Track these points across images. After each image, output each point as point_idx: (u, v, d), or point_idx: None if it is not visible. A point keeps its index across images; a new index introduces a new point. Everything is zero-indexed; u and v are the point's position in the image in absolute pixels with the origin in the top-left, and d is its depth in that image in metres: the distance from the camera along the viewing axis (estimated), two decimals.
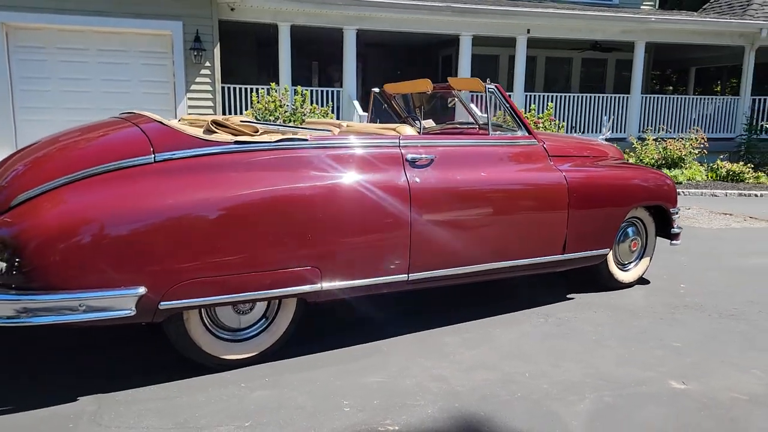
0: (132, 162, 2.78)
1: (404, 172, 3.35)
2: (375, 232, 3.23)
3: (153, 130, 2.92)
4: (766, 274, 5.25)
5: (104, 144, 2.94)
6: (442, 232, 3.45)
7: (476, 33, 12.56)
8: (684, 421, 2.63)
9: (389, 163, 3.34)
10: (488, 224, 3.65)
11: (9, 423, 2.50)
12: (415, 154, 3.44)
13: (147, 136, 2.87)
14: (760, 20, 13.94)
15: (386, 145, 3.38)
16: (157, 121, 3.01)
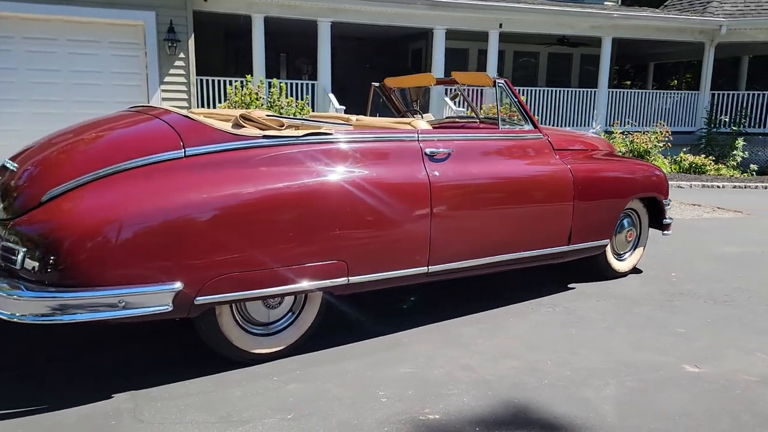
0: (163, 157, 2.75)
1: (424, 166, 3.40)
2: (398, 226, 3.27)
3: (181, 125, 2.89)
4: (746, 262, 5.49)
5: (134, 139, 2.89)
6: (459, 224, 3.52)
7: (450, 27, 12.65)
8: (706, 403, 2.76)
9: (409, 157, 3.38)
10: (501, 217, 3.73)
11: (52, 421, 2.45)
12: (434, 148, 3.48)
13: (176, 131, 2.84)
14: (719, 17, 14.44)
15: (406, 140, 3.42)
16: (184, 115, 2.98)
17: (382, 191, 3.20)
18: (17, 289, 2.47)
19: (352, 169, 3.14)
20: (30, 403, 2.58)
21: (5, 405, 2.57)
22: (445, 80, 4.60)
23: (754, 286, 4.65)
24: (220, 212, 2.72)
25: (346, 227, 3.06)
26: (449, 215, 3.44)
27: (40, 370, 2.95)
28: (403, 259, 3.32)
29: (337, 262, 3.06)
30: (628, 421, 2.58)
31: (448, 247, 3.47)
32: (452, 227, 3.47)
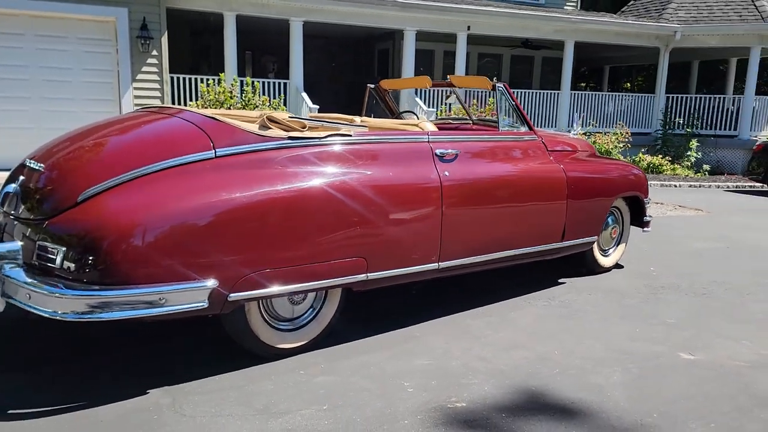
0: (194, 157, 2.82)
1: (435, 167, 3.54)
2: (412, 223, 3.40)
3: (209, 126, 2.95)
4: (716, 256, 5.84)
5: (165, 140, 2.94)
6: (466, 222, 3.67)
7: (420, 28, 12.84)
8: (705, 388, 2.99)
9: (422, 158, 3.52)
10: (503, 215, 3.91)
11: (94, 418, 2.50)
12: (443, 149, 3.63)
13: (205, 132, 2.91)
14: (674, 23, 15.06)
15: (417, 141, 3.56)
16: (209, 116, 3.04)
17: (398, 190, 3.33)
18: (57, 287, 2.51)
19: (370, 169, 3.26)
20: (67, 401, 2.61)
21: (44, 403, 2.59)
22: (441, 83, 4.76)
23: (729, 279, 4.97)
24: (252, 211, 2.80)
25: (365, 225, 3.18)
26: (458, 213, 3.60)
27: (66, 368, 2.96)
28: (417, 255, 3.46)
29: (357, 259, 3.17)
30: (639, 405, 2.78)
31: (457, 244, 3.63)
32: (460, 225, 3.62)
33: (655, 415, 2.67)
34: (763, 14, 14.59)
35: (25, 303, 2.53)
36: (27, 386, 2.75)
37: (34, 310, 2.52)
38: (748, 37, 14.76)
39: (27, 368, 2.94)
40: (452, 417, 2.62)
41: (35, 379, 2.82)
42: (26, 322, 3.40)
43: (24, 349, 3.20)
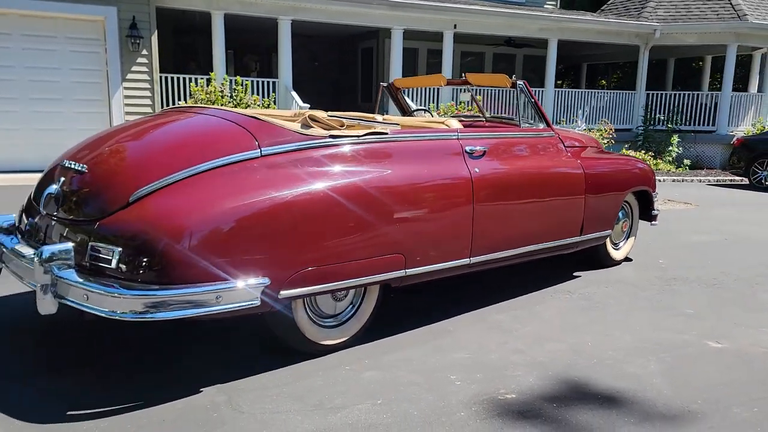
0: (241, 156, 2.83)
1: (465, 164, 3.60)
2: (446, 219, 3.45)
3: (252, 125, 2.96)
4: (716, 248, 6.01)
5: (211, 140, 2.94)
6: (495, 218, 3.74)
7: (408, 27, 12.90)
8: (737, 374, 3.10)
9: (453, 155, 3.58)
10: (528, 210, 3.98)
11: (156, 417, 2.49)
12: (472, 146, 3.69)
13: (249, 131, 2.92)
14: (653, 22, 15.36)
15: (448, 138, 3.61)
16: (251, 115, 3.05)
17: (433, 187, 3.38)
18: (113, 287, 2.50)
19: (406, 166, 3.30)
20: (121, 402, 2.60)
21: (99, 404, 2.58)
22: (456, 81, 4.81)
23: (734, 271, 5.12)
24: (300, 209, 2.82)
25: (403, 221, 3.22)
26: (487, 209, 3.65)
27: (110, 369, 2.95)
28: (450, 251, 3.51)
29: (396, 255, 3.21)
30: (681, 392, 2.87)
31: (486, 240, 3.69)
32: (489, 220, 3.68)
33: (699, 402, 2.76)
34: (739, 13, 14.97)
35: (83, 303, 2.51)
36: (75, 388, 2.73)
37: (91, 311, 2.51)
38: (725, 35, 15.12)
39: (71, 370, 2.92)
40: (505, 408, 2.67)
41: (82, 381, 2.80)
42: (58, 324, 3.38)
43: (63, 351, 3.17)
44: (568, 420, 2.59)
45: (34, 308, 3.42)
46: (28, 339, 3.30)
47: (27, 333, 3.37)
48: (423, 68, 16.89)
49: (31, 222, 3.04)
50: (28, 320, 3.53)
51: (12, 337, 3.33)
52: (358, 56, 18.01)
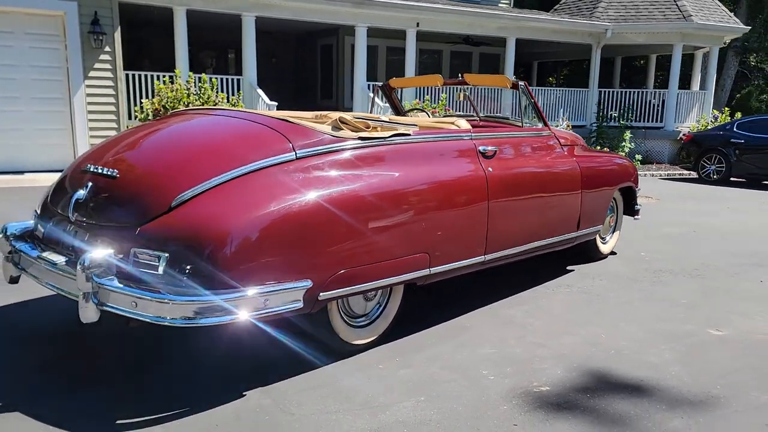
0: (277, 160, 2.84)
1: (480, 163, 3.69)
2: (465, 218, 3.54)
3: (287, 128, 2.97)
4: (690, 240, 6.32)
5: (247, 143, 2.92)
6: (506, 215, 3.84)
7: (372, 24, 12.93)
8: (746, 360, 3.30)
9: (469, 155, 3.66)
10: (535, 207, 4.11)
11: (207, 421, 2.48)
12: (484, 146, 3.78)
13: (283, 134, 2.92)
14: (605, 22, 15.89)
15: (463, 139, 3.69)
16: (281, 118, 3.05)
17: (453, 186, 3.46)
18: (160, 293, 2.47)
19: (429, 166, 3.36)
20: (171, 408, 2.57)
21: (145, 412, 2.54)
22: (453, 81, 4.89)
23: (712, 261, 5.41)
24: (337, 211, 2.84)
25: (428, 221, 3.29)
26: (500, 207, 3.75)
27: (146, 378, 2.90)
28: (468, 249, 3.59)
29: (422, 255, 3.27)
30: (699, 379, 3.04)
31: (499, 237, 3.79)
32: (502, 218, 3.78)
33: (718, 387, 2.94)
34: (685, 14, 15.64)
35: (131, 311, 2.47)
36: (118, 398, 2.68)
37: (141, 318, 2.47)
38: (672, 35, 15.79)
39: (109, 380, 2.86)
40: (543, 400, 2.78)
41: (123, 390, 2.75)
42: (81, 335, 3.31)
43: (92, 361, 3.09)
44: (605, 409, 2.71)
45: (54, 316, 3.35)
46: (55, 349, 3.21)
47: (52, 342, 3.28)
48: (383, 66, 16.96)
49: (54, 228, 2.95)
50: (48, 328, 3.44)
51: (35, 347, 3.22)
52: (317, 53, 17.93)
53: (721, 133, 12.85)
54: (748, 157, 12.13)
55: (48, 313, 3.69)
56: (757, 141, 12.02)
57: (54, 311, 3.69)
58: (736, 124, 12.76)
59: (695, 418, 2.64)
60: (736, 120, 13.15)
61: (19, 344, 3.24)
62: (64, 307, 3.62)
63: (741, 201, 9.85)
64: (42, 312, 3.70)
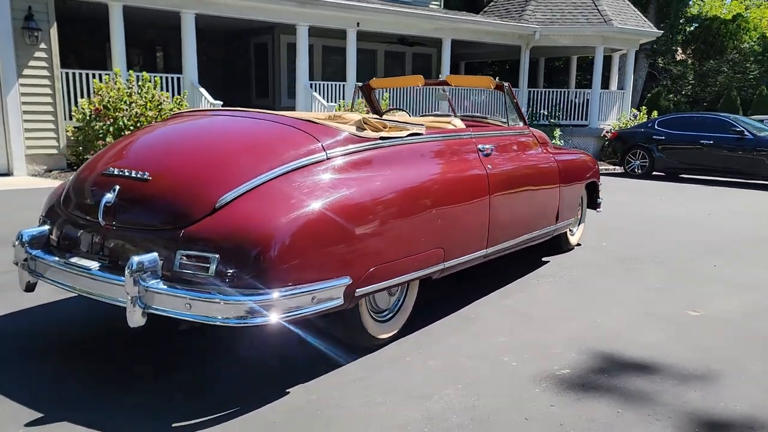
0: (310, 160, 2.89)
1: (481, 161, 3.86)
2: (472, 213, 3.69)
3: (315, 129, 3.02)
4: (639, 230, 6.77)
5: (279, 143, 2.94)
6: (504, 210, 4.03)
7: (313, 24, 12.92)
8: (730, 336, 3.63)
9: (471, 153, 3.82)
10: (524, 201, 4.33)
11: (262, 419, 2.50)
12: (483, 144, 3.96)
13: (312, 135, 2.97)
14: (533, 24, 16.58)
15: (466, 138, 3.85)
16: (307, 119, 3.10)
17: (463, 182, 3.61)
18: (211, 293, 2.47)
19: (441, 164, 3.50)
20: (221, 408, 2.57)
21: (198, 413, 2.53)
22: (434, 82, 5.05)
23: (669, 249, 5.85)
24: (370, 208, 2.93)
25: (444, 216, 3.42)
26: (498, 202, 3.93)
27: (187, 378, 2.87)
28: (474, 243, 3.75)
29: (438, 249, 3.40)
30: (698, 355, 3.32)
31: (498, 231, 3.97)
32: (500, 213, 3.97)
33: (717, 362, 3.23)
34: (606, 18, 16.56)
35: (185, 313, 2.46)
36: (167, 400, 2.65)
37: (195, 319, 2.46)
38: (594, 38, 16.68)
39: (149, 383, 2.81)
40: (568, 382, 2.97)
41: (169, 393, 2.72)
42: (106, 340, 3.24)
43: (128, 366, 3.01)
44: (626, 387, 2.93)
45: (71, 322, 3.27)
46: (86, 356, 3.13)
47: (81, 349, 3.18)
48: (318, 65, 16.93)
49: (78, 234, 2.87)
50: (69, 335, 3.32)
51: (66, 354, 3.10)
52: (250, 51, 17.67)
53: (643, 131, 13.72)
54: (669, 152, 13.02)
55: (64, 319, 3.62)
56: (677, 137, 12.93)
57: (71, 317, 3.64)
58: (657, 121, 13.66)
59: (706, 390, 2.91)
60: (657, 118, 14.09)
61: (47, 353, 3.14)
62: (80, 311, 3.61)
63: (669, 193, 10.59)
64: (59, 319, 3.63)
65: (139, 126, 9.70)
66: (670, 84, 25.03)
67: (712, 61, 25.34)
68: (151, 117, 9.77)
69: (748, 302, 4.29)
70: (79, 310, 3.74)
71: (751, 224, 7.53)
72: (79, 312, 3.72)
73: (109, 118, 9.54)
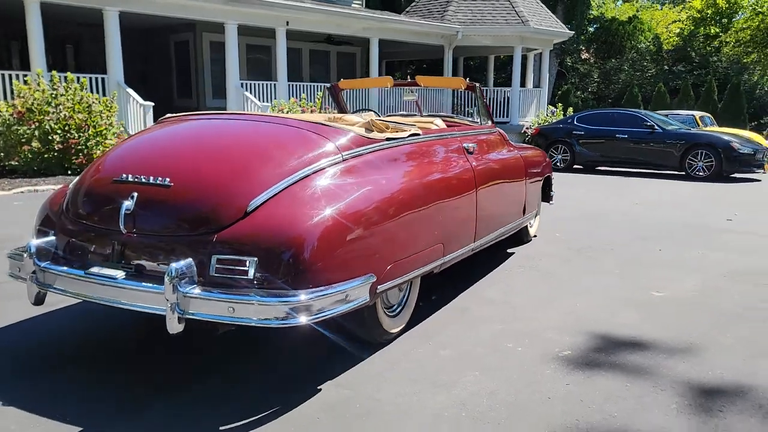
0: (328, 161, 2.96)
1: (467, 159, 4.04)
2: (464, 209, 3.87)
3: (327, 131, 3.08)
4: (583, 221, 7.22)
5: (298, 146, 2.97)
6: (487, 205, 4.23)
7: (242, 22, 12.73)
8: (696, 313, 3.99)
9: (460, 151, 4.00)
10: (502, 196, 4.56)
11: (304, 416, 2.55)
12: (467, 143, 4.14)
13: (325, 137, 3.04)
14: (456, 24, 17.09)
15: (455, 137, 4.02)
16: (314, 122, 3.16)
17: (457, 179, 3.78)
18: (249, 295, 2.50)
19: (438, 162, 3.65)
20: (261, 409, 2.60)
21: (240, 414, 2.55)
22: (404, 82, 5.19)
23: (614, 237, 6.28)
24: (387, 206, 3.03)
25: (444, 211, 3.57)
26: (483, 198, 4.13)
27: (218, 379, 2.86)
28: (466, 237, 3.93)
29: (440, 244, 3.55)
30: (674, 332, 3.62)
31: (483, 225, 4.17)
32: (484, 207, 4.17)
33: (694, 336, 3.57)
34: (523, 19, 17.32)
35: (226, 316, 2.47)
36: (206, 403, 2.64)
37: (236, 322, 2.48)
38: (513, 38, 17.41)
39: (184, 387, 2.78)
40: (574, 362, 3.20)
41: (205, 395, 2.71)
42: (125, 347, 3.14)
43: (155, 373, 2.96)
44: (624, 363, 3.20)
45: (86, 330, 3.20)
46: (110, 364, 3.05)
47: (99, 358, 3.08)
48: (243, 64, 16.64)
49: (93, 243, 2.79)
50: (85, 345, 3.19)
51: (86, 364, 2.98)
52: (170, 50, 17.14)
53: (563, 126, 14.48)
54: (588, 146, 13.83)
55: (75, 328, 3.51)
56: (595, 132, 13.75)
57: (82, 325, 3.55)
58: (576, 117, 14.46)
59: (692, 362, 3.22)
60: (575, 114, 14.91)
61: (67, 363, 3.07)
62: (89, 320, 3.56)
63: (592, 185, 11.28)
64: (68, 328, 3.51)
65: (67, 129, 9.24)
66: (577, 82, 26.45)
67: (613, 60, 26.99)
68: (80, 120, 9.32)
69: (698, 282, 4.71)
70: (79, 320, 3.61)
71: (676, 212, 8.17)
72: (83, 321, 3.61)
73: (33, 122, 9.02)
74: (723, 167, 12.25)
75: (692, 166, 12.52)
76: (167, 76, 17.21)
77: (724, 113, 20.09)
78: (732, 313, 4.00)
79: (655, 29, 31.52)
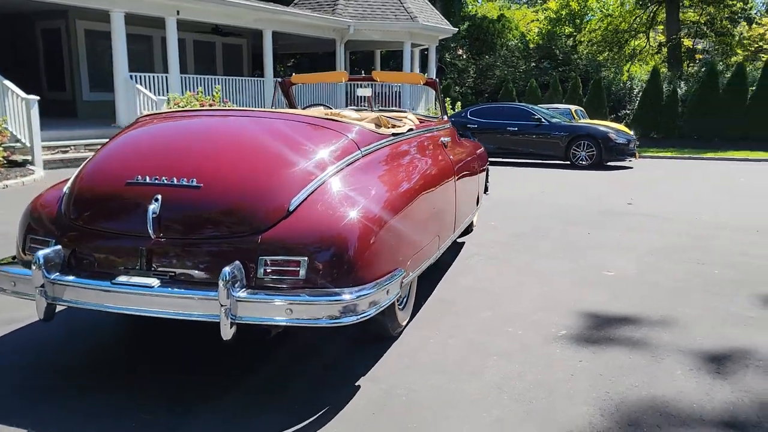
0: (351, 158, 2.95)
1: (446, 152, 4.14)
2: (451, 200, 3.97)
3: (343, 127, 3.08)
4: (504, 208, 7.60)
5: (321, 143, 2.91)
6: (460, 196, 4.36)
7: (128, 10, 11.94)
8: (650, 288, 4.38)
9: (440, 145, 4.10)
10: (467, 188, 4.70)
11: (359, 413, 2.53)
12: (443, 137, 4.24)
13: (344, 134, 3.02)
14: (347, 18, 17.15)
15: (436, 131, 4.11)
16: (335, 119, 3.12)
17: (445, 171, 3.87)
18: (300, 296, 2.44)
19: (431, 155, 3.75)
20: (311, 411, 2.54)
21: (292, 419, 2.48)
22: (359, 77, 5.17)
23: (542, 224, 6.69)
24: (407, 199, 3.06)
25: (441, 203, 3.66)
26: (459, 190, 4.26)
27: (257, 381, 2.74)
28: (449, 228, 4.03)
29: (437, 237, 3.63)
30: (642, 307, 3.93)
31: (459, 216, 4.30)
32: (460, 198, 4.30)
33: (662, 310, 3.92)
34: (411, 15, 17.74)
35: (282, 318, 2.38)
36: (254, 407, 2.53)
37: (292, 324, 2.40)
38: (402, 34, 17.79)
39: (223, 392, 2.62)
40: (575, 339, 3.41)
41: (241, 400, 2.58)
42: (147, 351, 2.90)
43: (189, 377, 2.75)
44: (618, 336, 3.46)
45: (98, 336, 3.01)
46: (140, 370, 2.80)
47: (128, 363, 2.80)
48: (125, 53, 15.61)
49: (110, 251, 2.56)
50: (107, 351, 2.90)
51: (118, 372, 2.70)
52: (37, 38, 15.66)
53: (456, 120, 15.05)
54: (483, 138, 14.47)
55: (87, 335, 3.25)
56: (488, 125, 14.45)
57: (96, 332, 3.22)
58: (469, 111, 15.10)
59: (673, 332, 3.55)
60: (469, 108, 15.56)
61: (91, 371, 2.90)
62: (104, 326, 3.38)
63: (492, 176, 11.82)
64: (80, 336, 3.22)
65: None
66: (456, 77, 27.49)
67: (487, 57, 28.36)
68: None
69: (633, 260, 5.16)
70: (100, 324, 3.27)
71: (581, 199, 8.82)
72: (101, 326, 3.27)
73: None
74: (602, 156, 13.36)
75: (576, 155, 13.53)
76: (34, 67, 15.70)
77: (588, 107, 21.83)
78: (675, 287, 4.42)
79: (521, 28, 33.53)
